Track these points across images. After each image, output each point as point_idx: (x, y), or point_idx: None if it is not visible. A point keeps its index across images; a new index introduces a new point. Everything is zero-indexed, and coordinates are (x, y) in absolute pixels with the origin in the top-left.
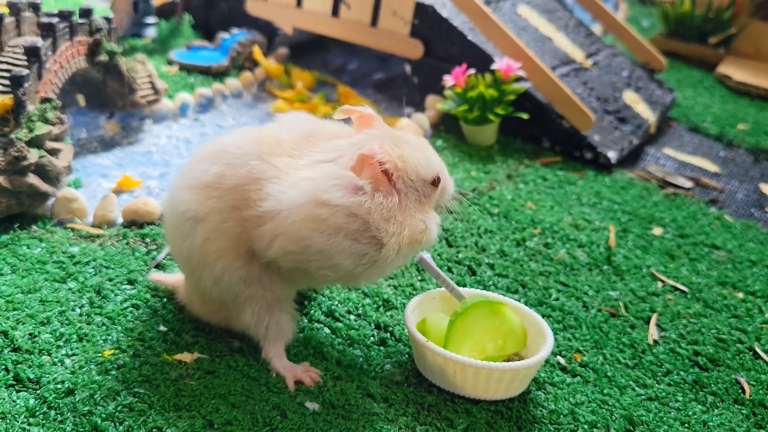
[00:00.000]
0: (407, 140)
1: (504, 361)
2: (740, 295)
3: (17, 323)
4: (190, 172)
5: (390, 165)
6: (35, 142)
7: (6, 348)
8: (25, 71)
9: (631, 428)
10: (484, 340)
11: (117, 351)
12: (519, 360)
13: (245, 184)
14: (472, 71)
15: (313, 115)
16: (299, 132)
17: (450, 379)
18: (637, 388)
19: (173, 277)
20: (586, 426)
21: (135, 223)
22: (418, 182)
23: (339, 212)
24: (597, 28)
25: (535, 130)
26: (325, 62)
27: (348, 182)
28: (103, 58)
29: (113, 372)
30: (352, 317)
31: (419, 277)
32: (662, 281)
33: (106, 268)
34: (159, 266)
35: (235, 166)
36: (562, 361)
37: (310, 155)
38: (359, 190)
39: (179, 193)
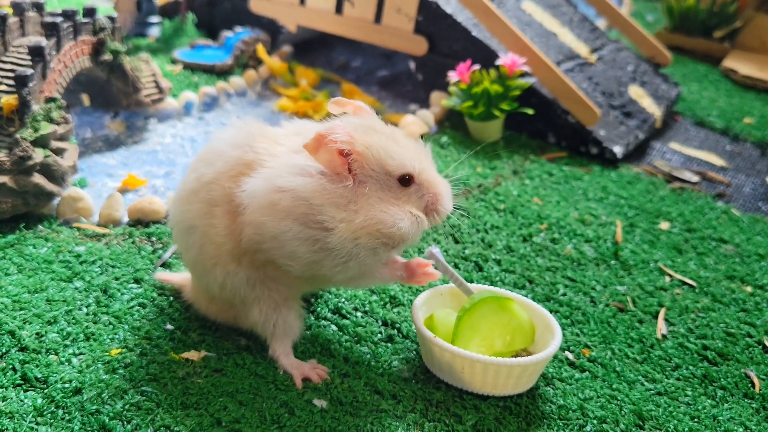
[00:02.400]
0: (385, 132)
1: (512, 356)
2: (749, 288)
3: (24, 323)
4: (180, 184)
5: (346, 146)
6: (40, 142)
7: (13, 347)
8: (30, 71)
9: (641, 423)
10: (492, 336)
11: (124, 350)
12: (527, 356)
13: (223, 175)
14: (476, 67)
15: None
16: (292, 128)
17: (458, 375)
18: (646, 383)
19: (179, 276)
20: (595, 421)
21: (141, 221)
22: (381, 174)
23: (287, 196)
24: (601, 23)
25: (540, 126)
26: (329, 60)
27: (299, 166)
28: (108, 57)
29: (120, 371)
30: (359, 314)
31: None
32: (670, 276)
33: (113, 267)
34: (165, 265)
35: (211, 162)
36: (570, 356)
37: (292, 145)
38: (304, 171)
39: (173, 209)
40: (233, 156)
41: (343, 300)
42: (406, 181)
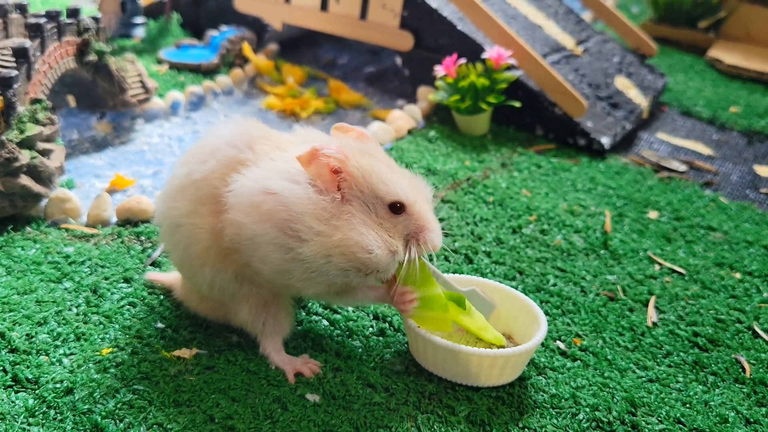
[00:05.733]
0: (381, 158)
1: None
2: (737, 275)
3: (14, 324)
4: (168, 179)
5: (338, 163)
6: (26, 143)
7: (3, 349)
8: (14, 72)
9: (633, 410)
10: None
11: (115, 349)
12: (514, 346)
13: (214, 173)
14: (463, 61)
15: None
16: (302, 135)
17: (441, 365)
18: (637, 371)
19: (169, 276)
20: (587, 409)
21: (129, 221)
22: (370, 197)
23: (271, 199)
24: (587, 15)
25: (527, 118)
26: (315, 57)
27: (290, 171)
28: (93, 57)
29: (112, 370)
30: (350, 308)
31: None
32: (659, 264)
33: (102, 267)
34: (155, 264)
35: (203, 159)
36: (561, 345)
37: (296, 152)
38: (293, 178)
39: (160, 204)
40: (228, 155)
41: None
42: (397, 208)
